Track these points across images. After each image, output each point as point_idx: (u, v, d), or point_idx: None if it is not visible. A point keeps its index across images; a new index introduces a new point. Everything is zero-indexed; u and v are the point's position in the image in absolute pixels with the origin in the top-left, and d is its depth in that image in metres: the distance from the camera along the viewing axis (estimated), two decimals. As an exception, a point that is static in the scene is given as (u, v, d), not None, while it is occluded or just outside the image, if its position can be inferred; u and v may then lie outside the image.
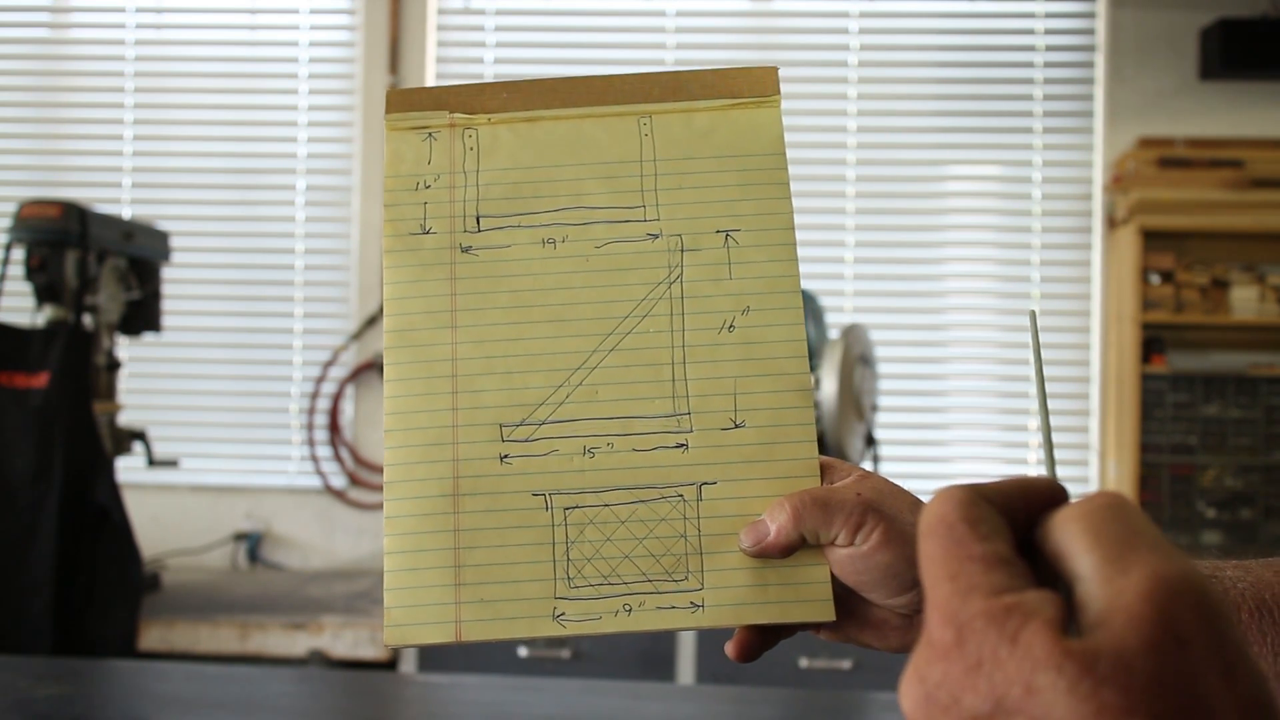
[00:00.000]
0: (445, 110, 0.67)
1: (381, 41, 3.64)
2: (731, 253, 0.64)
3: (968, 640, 0.35)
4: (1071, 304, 3.60)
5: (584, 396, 0.62)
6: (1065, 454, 3.60)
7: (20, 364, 2.50)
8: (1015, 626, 0.35)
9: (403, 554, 0.60)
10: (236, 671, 1.51)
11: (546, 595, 0.59)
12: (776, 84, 0.68)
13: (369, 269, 3.64)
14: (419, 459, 0.61)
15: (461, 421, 0.61)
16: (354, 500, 3.61)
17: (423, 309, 0.63)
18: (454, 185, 0.65)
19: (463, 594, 0.59)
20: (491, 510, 0.60)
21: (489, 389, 0.62)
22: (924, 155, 3.66)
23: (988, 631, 0.35)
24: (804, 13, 3.71)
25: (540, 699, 1.28)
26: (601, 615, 0.59)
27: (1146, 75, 3.57)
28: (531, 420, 0.62)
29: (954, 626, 0.36)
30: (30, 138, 3.80)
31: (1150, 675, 0.33)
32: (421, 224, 0.65)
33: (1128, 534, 0.37)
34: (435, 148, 0.66)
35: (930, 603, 0.37)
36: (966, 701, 0.35)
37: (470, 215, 0.65)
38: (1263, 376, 3.40)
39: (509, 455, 0.61)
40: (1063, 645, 0.34)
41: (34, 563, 2.41)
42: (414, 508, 0.60)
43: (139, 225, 2.89)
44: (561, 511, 0.60)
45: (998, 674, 0.34)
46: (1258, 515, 3.37)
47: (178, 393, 3.67)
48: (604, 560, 0.60)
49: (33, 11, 3.85)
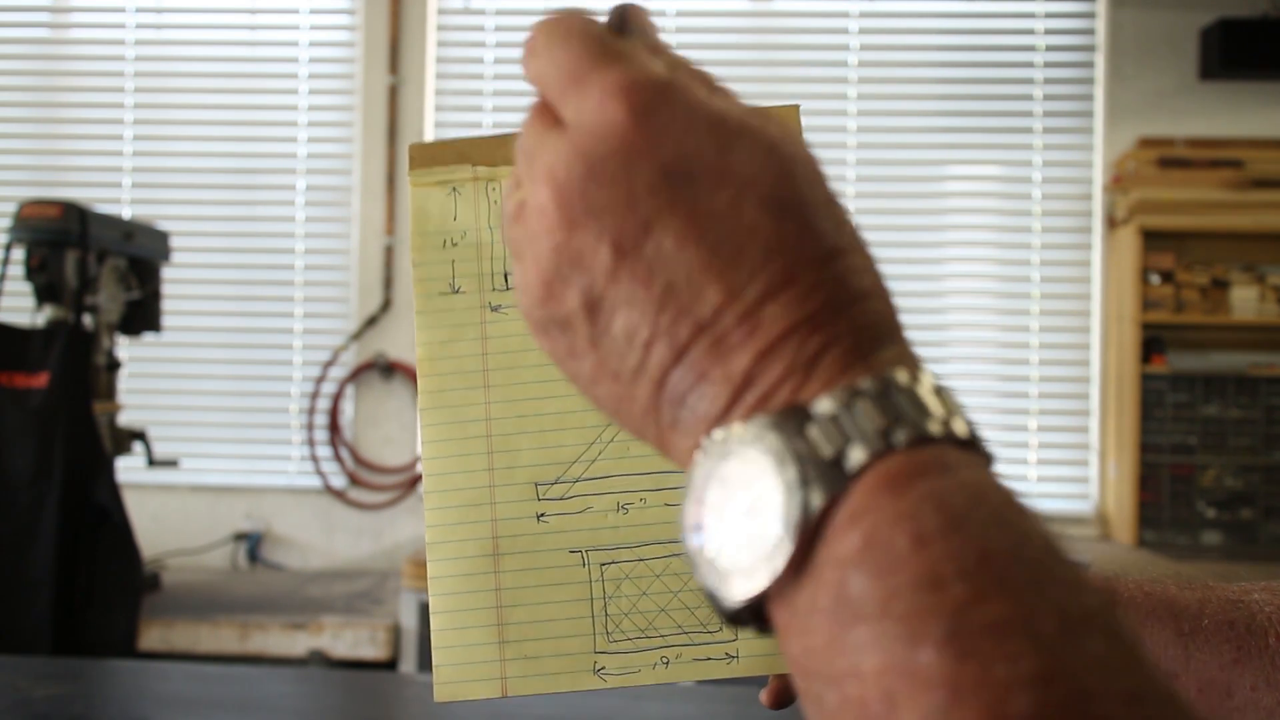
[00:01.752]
0: (468, 164, 0.67)
1: (381, 41, 3.64)
2: None
3: (659, 107, 0.34)
4: (1071, 304, 3.60)
5: (616, 453, 0.62)
6: (1065, 454, 3.61)
7: (20, 364, 2.50)
8: (710, 96, 0.35)
9: (448, 614, 0.61)
10: (236, 671, 1.51)
11: (587, 650, 0.61)
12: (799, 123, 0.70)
13: (369, 269, 3.64)
14: (458, 520, 0.62)
15: (498, 481, 0.62)
16: (354, 500, 3.61)
17: (455, 369, 0.63)
18: (480, 242, 0.65)
19: (507, 651, 0.60)
20: (531, 569, 0.61)
21: (523, 448, 0.63)
22: (924, 155, 3.66)
23: (680, 98, 0.34)
24: (804, 13, 3.71)
25: (540, 699, 1.28)
26: (640, 669, 0.61)
27: (1146, 75, 3.57)
28: (566, 478, 0.62)
29: (643, 94, 0.34)
30: (30, 138, 3.81)
31: (813, 159, 0.35)
32: (450, 283, 0.65)
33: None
34: (460, 203, 0.66)
35: (589, 89, 0.35)
36: (641, 168, 0.34)
37: (499, 273, 0.65)
38: (1263, 376, 3.40)
39: (545, 514, 0.62)
40: (757, 120, 0.35)
41: (34, 563, 2.41)
42: (456, 568, 0.61)
43: (139, 225, 2.89)
44: (598, 567, 0.61)
45: (688, 137, 0.34)
46: (1258, 515, 3.37)
47: (178, 393, 3.67)
48: (641, 614, 0.61)
49: (33, 11, 3.85)
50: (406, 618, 2.73)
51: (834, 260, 0.33)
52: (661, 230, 0.33)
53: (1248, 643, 0.60)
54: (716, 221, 0.33)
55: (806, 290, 0.32)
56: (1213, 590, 0.63)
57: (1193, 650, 0.60)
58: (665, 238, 0.33)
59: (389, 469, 3.62)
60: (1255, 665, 0.59)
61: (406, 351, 3.62)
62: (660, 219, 0.33)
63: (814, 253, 0.33)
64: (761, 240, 0.33)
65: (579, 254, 0.34)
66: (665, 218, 0.33)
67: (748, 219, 0.33)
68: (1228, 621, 0.61)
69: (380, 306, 3.61)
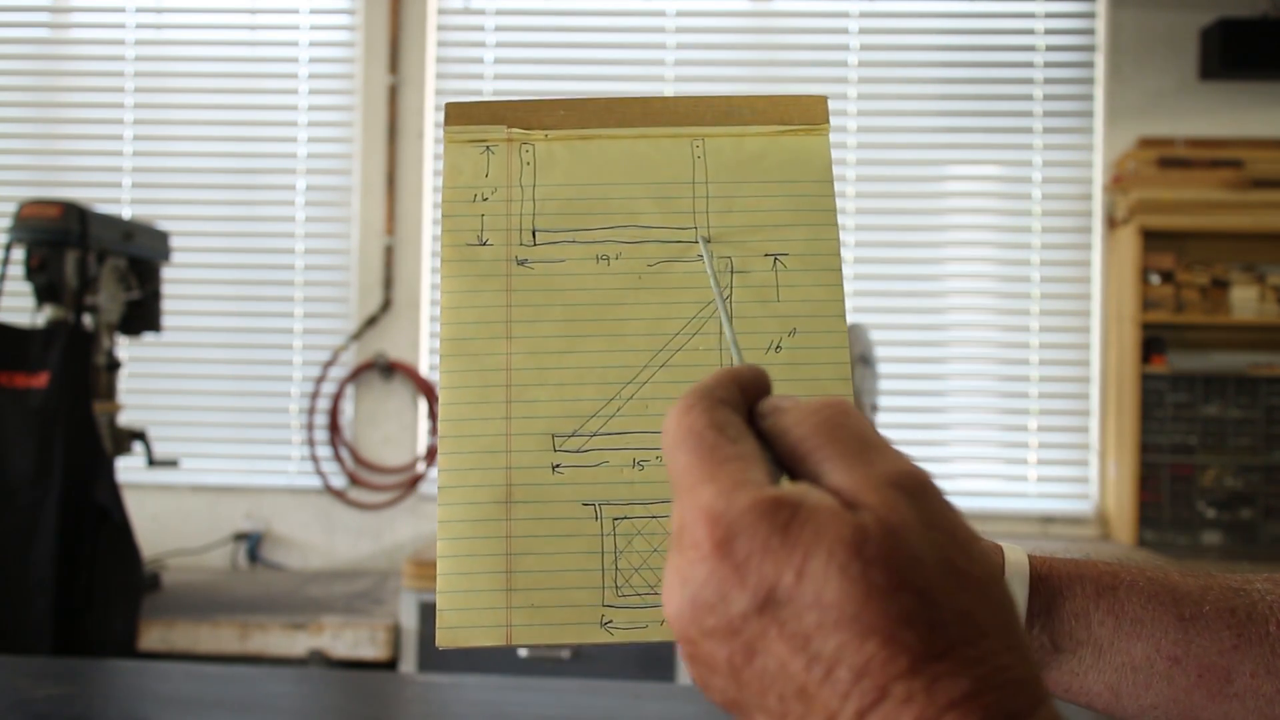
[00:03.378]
0: (503, 125, 0.68)
1: (381, 41, 3.64)
2: (780, 276, 0.66)
3: (738, 535, 0.36)
4: (1071, 304, 3.60)
5: (635, 410, 0.63)
6: (1065, 454, 3.61)
7: (20, 364, 2.50)
8: (786, 517, 0.36)
9: (455, 558, 0.61)
10: (236, 671, 1.51)
11: (595, 603, 0.60)
12: (826, 113, 0.70)
13: (369, 269, 3.64)
14: (472, 465, 0.62)
15: (515, 430, 0.63)
16: (354, 500, 3.61)
17: (478, 319, 0.64)
18: (510, 199, 0.67)
19: (514, 599, 0.60)
20: (543, 518, 0.61)
21: (542, 399, 0.63)
22: (924, 155, 3.66)
23: (759, 525, 0.36)
24: (804, 13, 3.71)
25: (540, 699, 1.28)
26: (648, 624, 0.61)
27: (1146, 75, 3.57)
28: (583, 432, 0.63)
29: (722, 525, 0.36)
30: (30, 138, 3.81)
31: (909, 554, 0.35)
32: (479, 235, 0.66)
33: (863, 432, 0.39)
34: (493, 161, 0.67)
35: (689, 508, 0.37)
36: (734, 598, 0.36)
37: (526, 229, 0.66)
38: (1263, 376, 3.40)
39: (561, 465, 0.63)
40: (834, 528, 0.35)
41: (34, 563, 2.41)
42: (467, 513, 0.61)
43: (139, 225, 2.89)
44: (611, 521, 0.62)
45: (768, 564, 0.35)
46: (1258, 515, 3.37)
47: (178, 393, 3.67)
48: (651, 570, 0.61)
49: (33, 11, 3.85)
50: (407, 618, 2.73)
51: (926, 668, 0.34)
52: (764, 652, 0.36)
53: (1248, 630, 0.60)
54: (806, 643, 0.35)
55: (899, 704, 0.34)
56: (1214, 578, 0.63)
57: (1193, 635, 0.60)
58: (768, 658, 0.35)
59: (389, 469, 3.62)
60: (1255, 652, 0.60)
61: (406, 351, 3.62)
62: (760, 642, 0.36)
63: (901, 667, 0.34)
64: (848, 661, 0.34)
65: (707, 661, 0.37)
66: (763, 641, 0.36)
67: (833, 642, 0.34)
68: (1229, 608, 0.61)
69: (380, 306, 3.61)
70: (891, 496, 0.36)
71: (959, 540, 0.36)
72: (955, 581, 0.35)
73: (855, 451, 0.38)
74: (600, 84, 3.68)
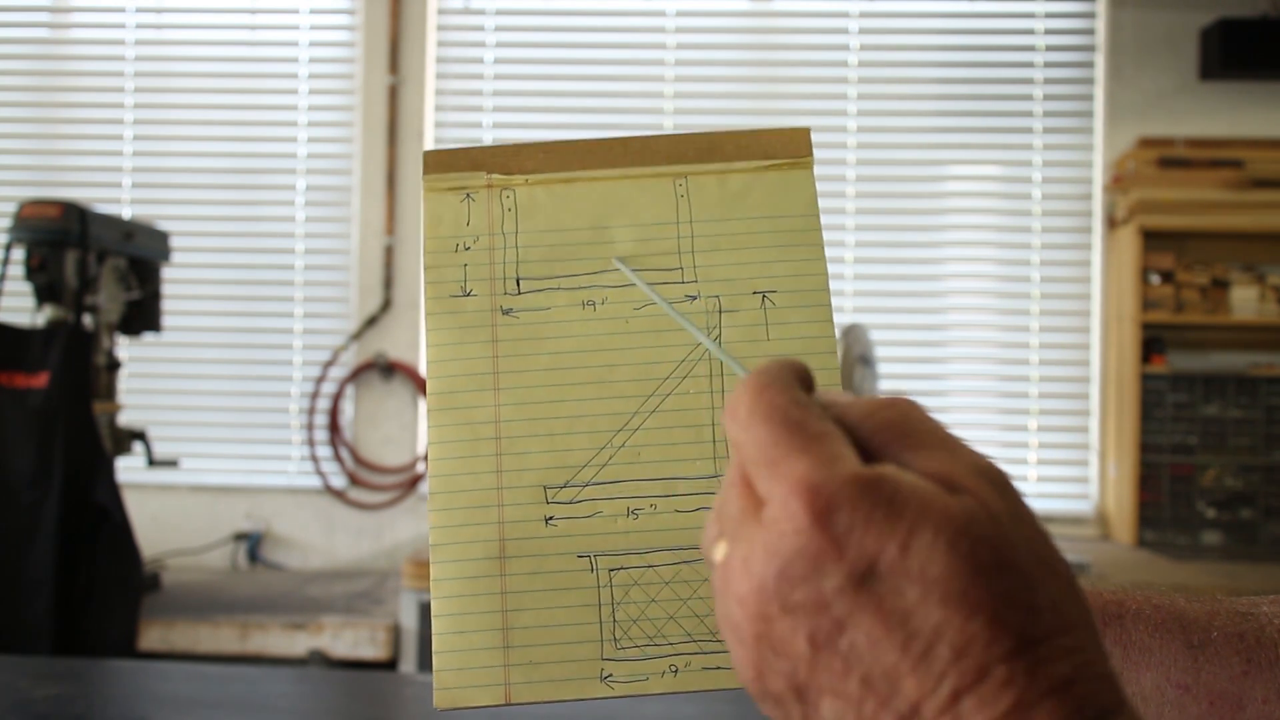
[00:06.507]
0: (482, 171, 0.67)
1: (381, 41, 3.64)
2: (769, 314, 0.65)
3: (839, 508, 0.35)
4: (1071, 304, 3.60)
5: (627, 458, 0.62)
6: (1065, 454, 3.61)
7: (20, 364, 2.50)
8: (889, 492, 0.35)
9: (450, 616, 0.60)
10: (236, 671, 1.51)
11: (594, 657, 0.60)
12: (809, 145, 0.69)
13: (369, 269, 3.64)
14: (464, 521, 0.61)
15: (506, 484, 0.62)
16: (354, 500, 3.61)
17: (465, 371, 0.63)
18: (493, 247, 0.66)
19: (511, 656, 0.59)
20: (538, 572, 0.60)
21: (533, 451, 0.62)
22: (924, 155, 3.66)
23: (861, 499, 0.35)
24: (804, 13, 3.71)
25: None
26: (649, 676, 0.60)
27: (1146, 75, 3.57)
28: (575, 482, 0.62)
29: (823, 497, 0.35)
30: (30, 138, 3.81)
31: (1010, 538, 0.35)
32: (462, 286, 0.65)
33: (940, 427, 0.38)
34: (473, 209, 0.66)
35: (779, 479, 0.36)
36: (830, 571, 0.35)
37: (510, 277, 0.65)
38: (1263, 376, 3.40)
39: (554, 517, 0.62)
40: (940, 506, 0.35)
41: (34, 563, 2.41)
42: (460, 570, 0.60)
43: (139, 225, 2.89)
44: (607, 573, 0.61)
45: (870, 538, 0.34)
46: (1258, 515, 3.37)
47: (178, 393, 3.67)
48: (649, 621, 0.60)
49: (33, 11, 3.85)
50: (406, 618, 2.73)
51: (1028, 651, 0.34)
52: (854, 628, 0.35)
53: (1257, 655, 0.60)
54: (905, 620, 0.34)
55: (999, 686, 0.33)
56: (1221, 603, 0.62)
57: (1203, 663, 0.60)
58: (858, 635, 0.34)
59: (389, 469, 3.62)
60: (1266, 677, 0.59)
61: (406, 351, 3.61)
62: (852, 618, 0.35)
63: (1005, 648, 0.33)
64: (949, 639, 0.33)
65: (781, 642, 0.36)
66: (856, 616, 0.34)
67: (934, 618, 0.34)
68: (1237, 633, 0.60)
69: (380, 306, 3.61)
70: (985, 484, 0.36)
71: (1043, 534, 0.36)
72: (1047, 571, 0.35)
73: (939, 443, 0.38)
74: (600, 84, 3.68)
